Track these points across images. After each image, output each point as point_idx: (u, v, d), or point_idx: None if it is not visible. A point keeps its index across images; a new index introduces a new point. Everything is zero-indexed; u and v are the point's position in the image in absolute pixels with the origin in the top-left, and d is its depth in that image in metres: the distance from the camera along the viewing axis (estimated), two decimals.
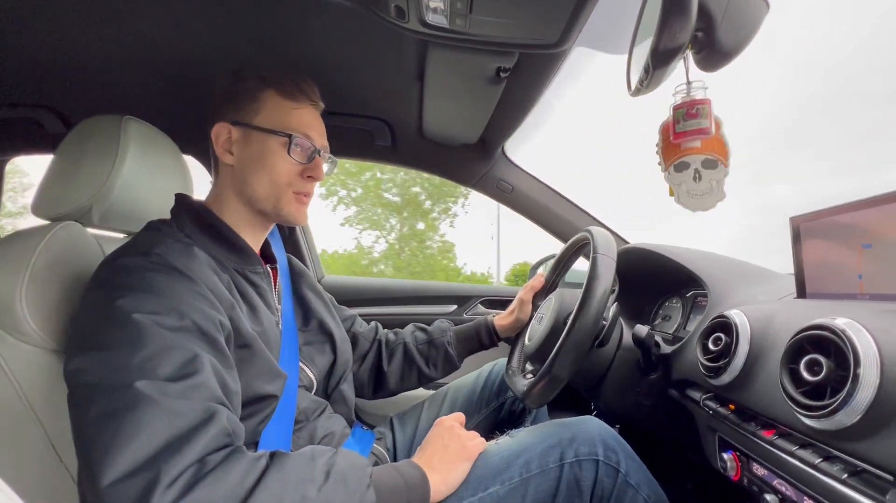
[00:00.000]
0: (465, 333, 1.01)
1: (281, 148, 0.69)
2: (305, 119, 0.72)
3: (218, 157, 0.70)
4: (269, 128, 0.69)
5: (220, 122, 0.70)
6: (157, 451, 0.44)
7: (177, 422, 0.46)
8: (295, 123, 0.70)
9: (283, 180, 0.70)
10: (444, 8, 0.65)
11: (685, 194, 0.67)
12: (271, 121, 0.70)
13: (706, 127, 0.62)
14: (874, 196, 0.54)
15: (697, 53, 0.62)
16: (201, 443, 0.46)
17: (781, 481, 0.53)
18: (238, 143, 0.70)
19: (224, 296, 0.60)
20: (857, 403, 0.41)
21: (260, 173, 0.69)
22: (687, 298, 1.01)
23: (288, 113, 0.70)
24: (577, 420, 0.72)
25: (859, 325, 0.44)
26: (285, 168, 0.70)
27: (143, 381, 0.47)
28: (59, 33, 0.83)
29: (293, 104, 0.71)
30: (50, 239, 0.65)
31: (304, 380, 0.75)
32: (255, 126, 0.69)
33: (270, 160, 0.69)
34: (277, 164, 0.69)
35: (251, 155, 0.70)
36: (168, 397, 0.47)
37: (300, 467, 0.52)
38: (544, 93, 0.95)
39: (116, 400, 0.46)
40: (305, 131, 0.71)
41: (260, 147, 0.69)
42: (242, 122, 0.70)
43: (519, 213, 1.39)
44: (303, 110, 0.72)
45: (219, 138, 0.70)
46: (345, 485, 0.52)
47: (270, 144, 0.69)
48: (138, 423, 0.45)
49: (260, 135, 0.69)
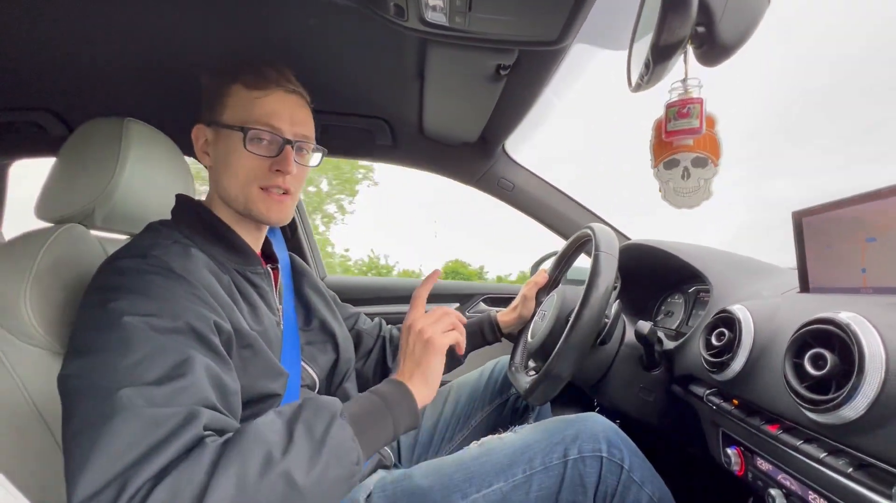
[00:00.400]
0: (468, 329, 1.01)
1: (250, 142, 0.66)
2: (270, 107, 0.67)
3: (200, 159, 0.70)
4: (230, 123, 0.66)
5: (198, 124, 0.69)
6: (130, 463, 0.42)
7: (154, 432, 0.44)
8: (257, 114, 0.66)
9: (245, 177, 0.67)
10: (444, 6, 0.65)
11: (672, 191, 0.67)
12: (234, 116, 0.67)
13: (696, 127, 0.62)
14: (877, 189, 0.54)
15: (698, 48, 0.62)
16: (173, 450, 0.44)
17: (786, 476, 0.53)
18: (212, 143, 0.69)
19: (223, 298, 0.60)
20: (862, 397, 0.41)
21: (227, 173, 0.67)
22: (689, 294, 1.01)
23: (251, 104, 0.66)
24: (580, 417, 0.72)
25: (863, 319, 0.44)
26: (246, 164, 0.66)
27: (127, 388, 0.45)
28: (60, 36, 0.83)
29: (257, 93, 0.67)
30: (53, 241, 0.66)
31: (307, 380, 0.75)
32: (220, 124, 0.67)
33: (233, 158, 0.66)
34: (237, 160, 0.66)
35: (219, 155, 0.68)
36: (150, 405, 0.45)
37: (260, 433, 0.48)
38: (544, 90, 0.95)
39: (98, 408, 0.45)
40: (269, 121, 0.67)
41: (224, 145, 0.67)
42: (213, 122, 0.68)
43: (520, 210, 1.39)
44: (268, 98, 0.67)
45: (197, 141, 0.70)
46: (309, 432, 0.49)
47: (232, 141, 0.67)
48: (115, 434, 0.43)
49: (225, 132, 0.67)
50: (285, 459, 0.47)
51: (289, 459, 0.47)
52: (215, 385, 0.52)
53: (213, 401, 0.50)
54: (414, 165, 1.37)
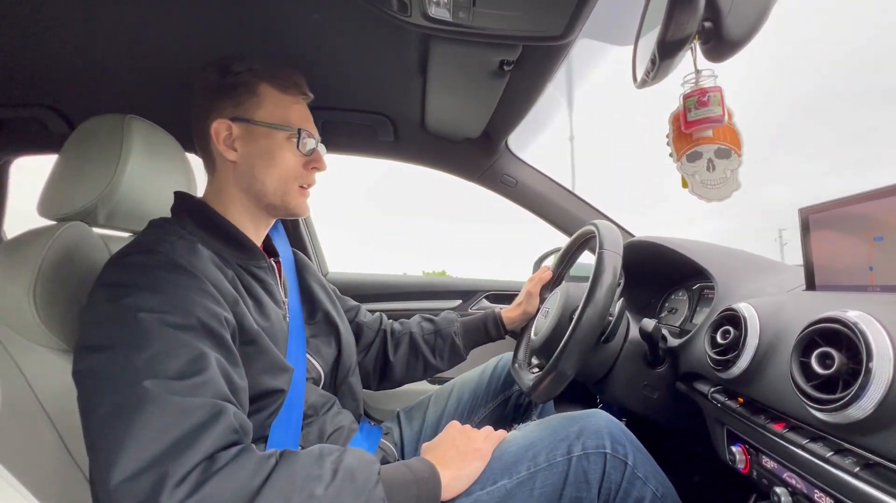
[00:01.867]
0: (472, 325, 1.01)
1: (288, 142, 0.71)
2: (304, 112, 0.74)
3: (220, 153, 0.70)
4: (271, 122, 0.70)
5: (219, 119, 0.69)
6: (166, 449, 0.45)
7: (185, 420, 0.46)
8: (297, 117, 0.72)
9: (291, 174, 0.72)
10: (447, 1, 0.64)
11: (699, 184, 0.66)
12: (275, 116, 0.70)
13: (719, 115, 0.61)
14: (885, 186, 0.53)
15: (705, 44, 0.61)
16: (209, 441, 0.47)
17: (792, 474, 0.53)
18: (241, 138, 0.70)
19: (228, 291, 0.60)
20: (870, 397, 0.41)
21: (269, 168, 0.70)
22: (693, 291, 1.01)
23: (289, 107, 0.72)
24: (584, 413, 0.72)
25: (871, 318, 0.44)
26: (293, 161, 0.71)
27: (150, 380, 0.47)
28: (61, 33, 0.83)
29: (291, 98, 0.73)
30: (56, 239, 0.66)
31: (312, 373, 0.75)
32: (259, 122, 0.69)
33: (279, 155, 0.70)
34: (286, 158, 0.71)
35: (257, 150, 0.70)
36: (175, 395, 0.47)
37: (308, 465, 0.52)
38: (548, 85, 0.94)
39: (124, 399, 0.47)
40: (306, 125, 0.73)
41: (266, 142, 0.70)
42: (244, 118, 0.69)
43: (523, 207, 1.38)
44: (300, 104, 0.74)
45: (219, 135, 0.69)
46: (352, 481, 0.52)
47: (277, 139, 0.70)
48: (146, 422, 0.45)
49: (265, 130, 0.70)
50: (326, 495, 0.50)
51: (329, 496, 0.50)
52: (227, 381, 0.53)
53: (230, 396, 0.52)
54: (416, 161, 1.36)
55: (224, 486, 0.46)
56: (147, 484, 0.43)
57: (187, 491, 0.44)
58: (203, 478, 0.45)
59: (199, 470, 0.45)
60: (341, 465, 0.53)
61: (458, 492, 0.62)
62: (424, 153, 1.33)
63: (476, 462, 0.65)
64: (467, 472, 0.64)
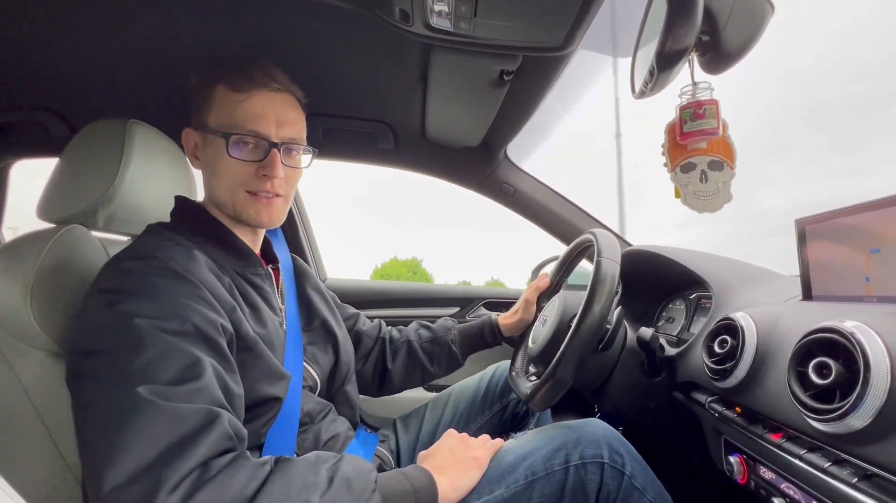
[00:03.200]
0: (469, 331, 1.01)
1: (234, 147, 0.65)
2: (255, 109, 0.65)
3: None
4: (214, 128, 0.66)
5: (187, 128, 0.69)
6: (159, 456, 0.44)
7: (179, 427, 0.46)
8: (240, 118, 0.65)
9: (232, 182, 0.66)
10: (449, 11, 0.65)
11: (692, 195, 0.67)
12: (218, 120, 0.66)
13: (714, 127, 0.62)
14: (881, 198, 0.54)
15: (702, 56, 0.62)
16: (203, 448, 0.46)
17: (790, 485, 0.53)
18: (201, 146, 0.69)
19: (225, 298, 0.60)
20: (868, 407, 0.41)
21: (215, 178, 0.68)
22: (690, 300, 1.01)
23: (235, 107, 0.65)
24: (581, 422, 0.72)
25: (868, 328, 0.44)
26: (232, 169, 0.66)
27: (144, 386, 0.47)
28: (63, 37, 0.83)
29: (241, 95, 0.65)
30: (55, 243, 0.65)
31: (309, 381, 0.75)
32: (207, 128, 0.67)
33: (219, 163, 0.66)
34: (223, 166, 0.66)
35: (207, 159, 0.69)
36: (170, 402, 0.47)
37: (303, 473, 0.51)
38: (548, 95, 0.95)
39: (118, 405, 0.46)
40: (253, 124, 0.65)
41: (211, 150, 0.67)
42: (200, 125, 0.68)
43: (522, 215, 1.39)
44: (252, 99, 0.65)
45: (188, 144, 0.70)
46: (349, 490, 0.52)
47: (217, 146, 0.66)
48: (140, 428, 0.45)
49: (210, 136, 0.67)
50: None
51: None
52: (222, 388, 0.53)
53: (225, 403, 0.52)
54: (415, 169, 1.37)
55: (217, 494, 0.45)
56: (140, 491, 0.43)
57: (180, 498, 0.43)
58: (196, 485, 0.45)
59: (193, 477, 0.45)
60: (338, 473, 0.53)
61: (454, 501, 0.62)
62: (424, 161, 1.33)
63: (473, 471, 0.65)
64: (464, 481, 0.63)
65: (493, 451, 0.69)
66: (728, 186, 0.64)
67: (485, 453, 0.68)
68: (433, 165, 1.35)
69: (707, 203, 0.65)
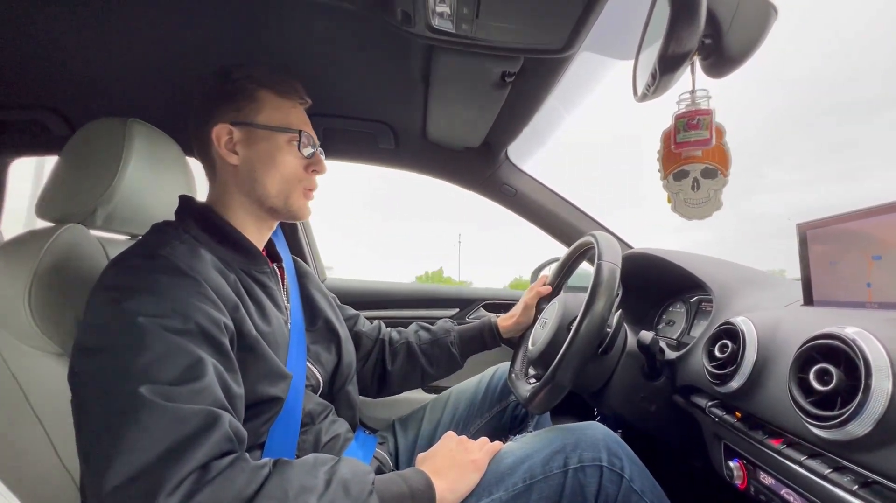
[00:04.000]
0: (468, 333, 1.01)
1: (289, 145, 0.71)
2: (303, 116, 0.75)
3: (221, 157, 0.70)
4: (272, 125, 0.70)
5: (220, 124, 0.69)
6: (159, 457, 0.44)
7: (180, 428, 0.46)
8: (296, 121, 0.73)
9: (293, 176, 0.72)
10: (451, 13, 0.65)
11: (682, 203, 0.67)
12: (275, 119, 0.71)
13: (706, 138, 0.63)
14: (883, 204, 0.54)
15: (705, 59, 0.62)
16: (204, 449, 0.46)
17: (790, 491, 0.53)
18: (242, 142, 0.70)
19: (229, 296, 0.60)
20: (869, 414, 0.41)
21: (270, 171, 0.70)
22: (691, 304, 1.01)
23: (288, 111, 0.73)
24: (580, 425, 0.72)
25: (869, 335, 0.44)
26: (294, 163, 0.72)
27: (146, 386, 0.47)
28: (64, 36, 0.83)
29: (290, 102, 0.73)
30: (54, 242, 0.65)
31: (312, 380, 0.75)
32: (259, 125, 0.70)
33: (280, 157, 0.71)
34: (287, 160, 0.71)
35: (259, 153, 0.70)
36: (171, 402, 0.47)
37: (301, 475, 0.51)
38: (549, 97, 0.95)
39: (119, 404, 0.46)
40: (305, 128, 0.73)
41: (267, 145, 0.70)
42: (244, 122, 0.69)
43: (522, 216, 1.39)
44: (298, 108, 0.75)
45: (220, 139, 0.69)
46: (346, 492, 0.52)
47: (278, 142, 0.71)
48: (141, 428, 0.45)
49: (266, 133, 0.70)
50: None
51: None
52: (224, 388, 0.53)
53: (226, 404, 0.52)
54: (416, 169, 1.37)
55: (217, 496, 0.45)
56: (140, 492, 0.43)
57: (179, 499, 0.43)
58: (196, 487, 0.45)
59: (192, 479, 0.45)
60: (335, 476, 0.53)
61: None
62: (425, 161, 1.33)
63: (472, 474, 0.65)
64: (463, 485, 0.63)
65: (492, 454, 0.69)
66: (719, 194, 0.64)
67: (483, 456, 0.67)
68: (434, 166, 1.34)
69: (697, 210, 0.65)
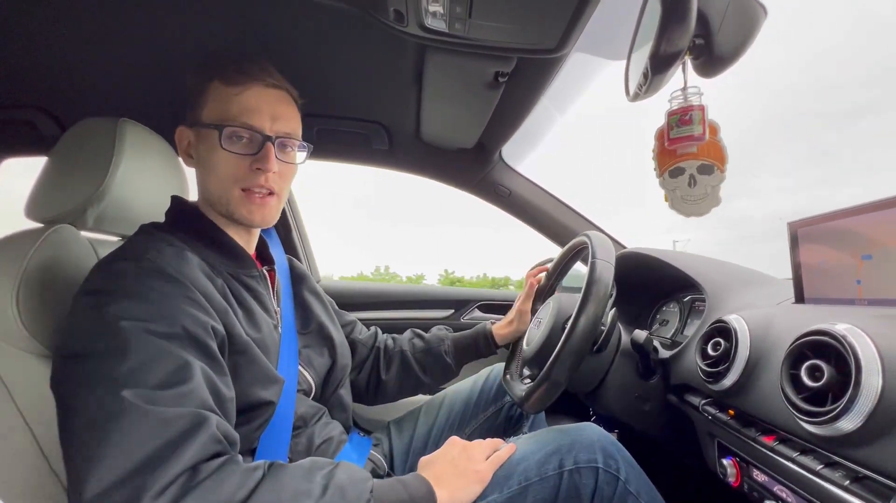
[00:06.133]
0: (462, 342, 1.00)
1: (228, 141, 0.64)
2: (248, 102, 0.64)
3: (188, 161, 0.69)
4: (207, 122, 0.64)
5: (181, 126, 0.68)
6: (144, 461, 0.43)
7: (164, 431, 0.45)
8: (234, 111, 0.64)
9: (225, 177, 0.65)
10: (444, 12, 0.65)
11: (679, 200, 0.67)
12: (211, 114, 0.65)
13: (700, 133, 0.63)
14: (872, 202, 0.54)
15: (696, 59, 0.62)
16: (190, 452, 0.45)
17: (782, 487, 0.53)
18: (194, 145, 0.68)
19: (217, 301, 0.59)
20: (859, 409, 0.41)
21: (209, 174, 0.66)
22: (684, 303, 1.01)
23: (228, 101, 0.64)
24: (576, 426, 0.72)
25: (860, 331, 0.44)
26: (225, 163, 0.64)
27: (130, 390, 0.46)
28: (54, 34, 0.82)
29: (235, 89, 0.64)
30: (43, 242, 0.64)
31: (303, 385, 0.74)
32: (200, 123, 0.66)
33: (212, 157, 0.65)
34: (216, 160, 0.65)
35: (199, 155, 0.67)
36: (156, 405, 0.46)
37: (297, 479, 0.50)
38: (542, 97, 0.96)
39: (103, 409, 0.45)
40: (247, 117, 0.64)
41: (205, 145, 0.66)
42: (194, 122, 0.67)
43: (516, 216, 1.39)
44: (247, 93, 0.65)
45: (181, 143, 0.68)
46: (343, 498, 0.51)
47: (210, 140, 0.65)
48: (124, 433, 0.44)
49: (204, 132, 0.65)
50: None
51: None
52: (212, 391, 0.52)
53: (214, 407, 0.51)
54: (410, 170, 1.37)
55: (206, 499, 0.44)
56: (123, 497, 0.42)
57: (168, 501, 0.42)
58: (183, 490, 0.43)
59: (180, 482, 0.44)
60: (332, 481, 0.52)
61: None
62: (419, 162, 1.33)
63: (474, 485, 0.63)
64: (464, 495, 0.61)
65: (497, 466, 0.66)
66: (717, 190, 0.64)
67: (488, 467, 0.65)
68: (428, 167, 1.34)
69: (695, 207, 0.65)
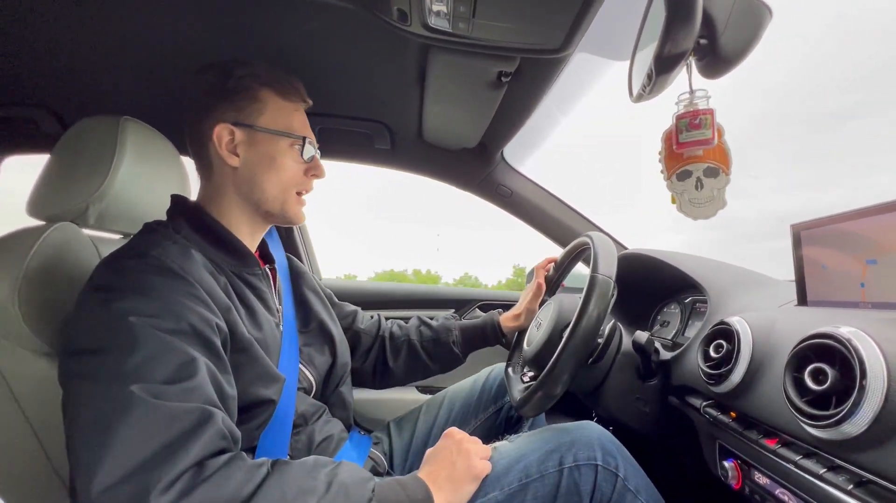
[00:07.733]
0: (471, 330, 1.02)
1: (291, 149, 0.70)
2: (303, 119, 0.74)
3: (221, 158, 0.68)
4: (274, 129, 0.69)
5: (221, 123, 0.67)
6: (151, 456, 0.44)
7: (172, 426, 0.46)
8: (297, 125, 0.72)
9: (291, 181, 0.71)
10: (447, 12, 0.64)
11: (687, 203, 0.67)
12: (277, 122, 0.70)
13: (709, 138, 0.63)
14: (877, 204, 0.54)
15: (700, 60, 0.62)
16: (197, 447, 0.46)
17: (784, 491, 0.53)
18: (243, 144, 0.69)
19: (220, 298, 0.60)
20: (864, 413, 0.41)
21: (271, 175, 0.70)
22: (685, 304, 1.01)
23: (290, 114, 0.71)
24: (575, 425, 0.72)
25: (864, 334, 0.44)
26: (294, 168, 0.71)
27: (137, 385, 0.46)
28: (57, 32, 0.82)
29: (293, 105, 0.72)
30: (45, 240, 0.64)
31: (304, 383, 0.74)
32: (262, 128, 0.69)
33: (281, 161, 0.70)
34: (288, 165, 0.70)
35: (259, 157, 0.69)
36: (163, 400, 0.46)
37: (301, 477, 0.51)
38: (545, 98, 0.95)
39: (110, 404, 0.46)
40: (306, 133, 0.73)
41: (268, 149, 0.69)
42: (246, 124, 0.68)
43: (518, 217, 1.39)
44: (301, 111, 0.74)
45: (221, 140, 0.68)
46: (346, 497, 0.51)
47: (280, 146, 0.70)
48: (132, 428, 0.44)
49: (267, 136, 0.69)
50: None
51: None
52: (216, 388, 0.52)
53: (218, 403, 0.51)
54: (412, 170, 1.36)
55: (213, 494, 0.44)
56: (130, 491, 0.42)
57: (173, 498, 0.43)
58: (191, 485, 0.44)
59: (187, 477, 0.44)
60: (336, 479, 0.52)
61: None
62: (421, 162, 1.33)
63: (470, 483, 0.63)
64: (461, 496, 0.62)
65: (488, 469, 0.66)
66: (723, 193, 0.65)
67: (483, 466, 0.65)
68: (430, 167, 1.34)
69: (702, 210, 0.65)
